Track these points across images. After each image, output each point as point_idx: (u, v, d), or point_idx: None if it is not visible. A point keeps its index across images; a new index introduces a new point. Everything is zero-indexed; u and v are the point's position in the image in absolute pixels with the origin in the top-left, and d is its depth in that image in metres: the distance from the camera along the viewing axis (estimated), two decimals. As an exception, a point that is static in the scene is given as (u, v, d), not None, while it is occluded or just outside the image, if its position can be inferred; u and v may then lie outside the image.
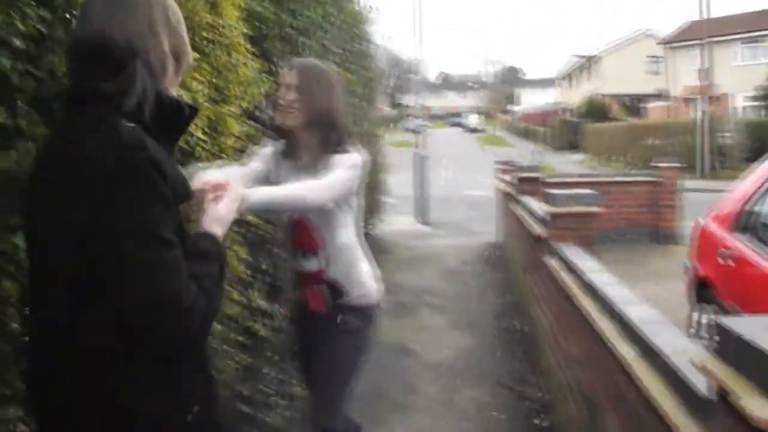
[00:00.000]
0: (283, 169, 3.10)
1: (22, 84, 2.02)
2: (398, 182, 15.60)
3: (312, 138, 3.00)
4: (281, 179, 3.04)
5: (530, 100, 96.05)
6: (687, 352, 2.30)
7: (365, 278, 3.16)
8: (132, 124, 1.61)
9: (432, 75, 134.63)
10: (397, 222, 13.83)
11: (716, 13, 32.42)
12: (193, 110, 1.84)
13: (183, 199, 1.76)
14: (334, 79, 3.15)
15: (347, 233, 3.09)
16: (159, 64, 1.72)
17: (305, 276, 3.13)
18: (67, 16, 2.27)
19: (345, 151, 2.99)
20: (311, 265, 3.08)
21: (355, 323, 3.09)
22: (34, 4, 2.07)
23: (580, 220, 4.90)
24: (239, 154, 3.97)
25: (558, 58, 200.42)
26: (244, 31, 4.03)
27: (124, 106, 1.62)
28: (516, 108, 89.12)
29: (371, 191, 10.06)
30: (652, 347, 2.55)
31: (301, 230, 3.06)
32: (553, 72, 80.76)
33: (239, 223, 4.15)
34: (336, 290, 3.08)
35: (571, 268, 4.19)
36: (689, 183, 20.79)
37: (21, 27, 1.96)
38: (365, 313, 3.14)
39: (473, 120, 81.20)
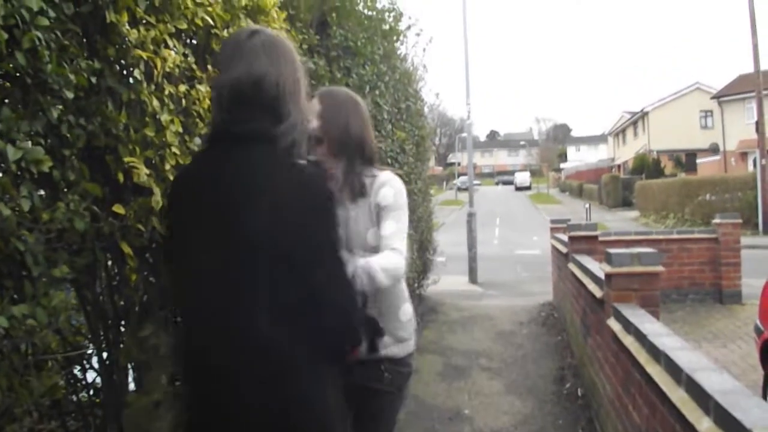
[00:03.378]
0: None
1: (71, 136, 2.00)
2: (448, 240, 15.44)
3: (338, 165, 2.86)
4: None
5: (580, 157, 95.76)
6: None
7: (405, 321, 2.99)
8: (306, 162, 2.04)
9: (482, 133, 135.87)
10: (448, 281, 13.60)
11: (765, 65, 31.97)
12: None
13: None
14: (355, 104, 3.00)
15: None
16: (301, 112, 2.05)
17: None
18: (118, 67, 2.27)
19: (376, 175, 2.89)
20: None
21: (395, 378, 2.93)
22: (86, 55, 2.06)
23: (642, 280, 4.70)
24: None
25: (607, 114, 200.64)
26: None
27: (282, 143, 1.95)
28: (566, 165, 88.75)
29: (421, 251, 9.94)
30: (735, 420, 2.35)
31: None
32: (602, 128, 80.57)
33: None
34: (375, 329, 2.78)
35: (635, 332, 3.99)
36: (749, 240, 20.41)
37: (72, 78, 1.94)
38: (403, 365, 2.97)
39: (523, 178, 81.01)
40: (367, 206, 2.86)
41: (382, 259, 2.65)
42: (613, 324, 4.60)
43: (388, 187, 2.87)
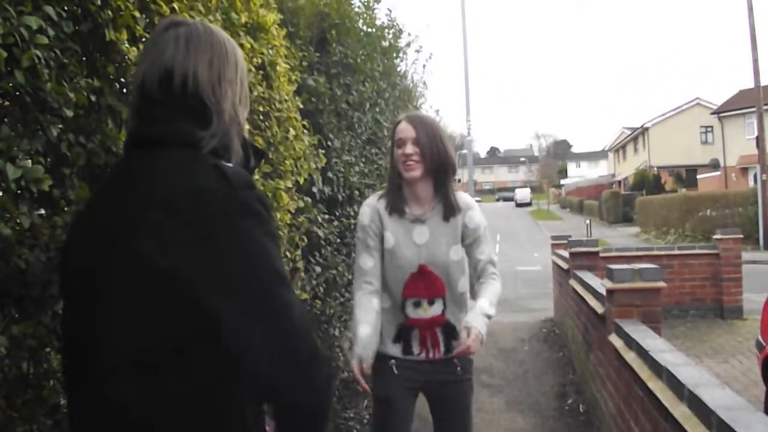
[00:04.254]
0: (393, 225, 3.24)
1: (71, 154, 2.00)
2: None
3: (428, 186, 3.18)
4: (396, 236, 3.22)
5: (580, 173, 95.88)
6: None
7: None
8: (231, 164, 1.59)
9: (482, 150, 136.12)
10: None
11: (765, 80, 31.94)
12: (261, 154, 1.88)
13: None
14: (441, 127, 3.30)
15: (463, 282, 3.29)
16: (232, 110, 1.69)
17: (424, 322, 3.25)
18: (117, 85, 2.28)
19: (456, 195, 3.23)
20: (434, 310, 3.24)
21: (465, 367, 3.34)
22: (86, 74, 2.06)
23: (644, 295, 4.70)
24: (293, 229, 3.92)
25: (607, 130, 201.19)
26: (299, 105, 4.03)
27: (205, 148, 1.61)
28: (566, 181, 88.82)
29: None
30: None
31: (428, 279, 3.21)
32: (603, 144, 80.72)
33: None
34: (450, 333, 3.26)
35: (637, 348, 3.98)
36: (749, 255, 20.40)
37: (72, 96, 1.94)
38: (469, 360, 3.36)
39: (524, 194, 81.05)
40: (453, 226, 3.21)
41: (493, 295, 3.16)
42: (615, 340, 4.59)
43: (475, 210, 3.26)
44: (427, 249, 3.18)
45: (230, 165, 1.59)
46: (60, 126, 1.94)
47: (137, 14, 2.27)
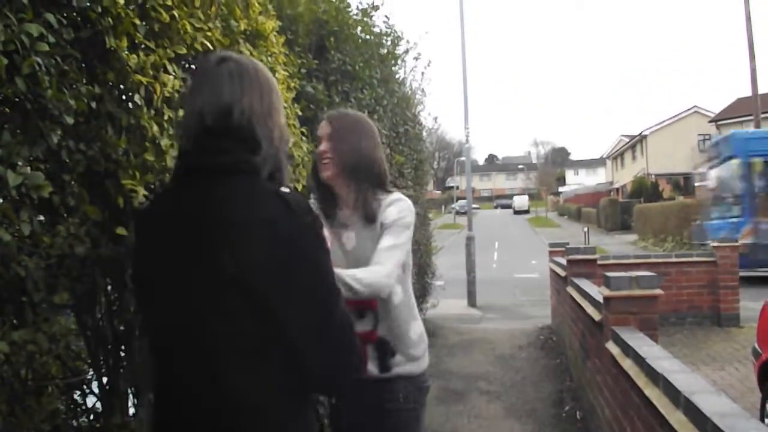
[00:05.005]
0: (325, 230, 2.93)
1: (71, 161, 2.00)
2: (447, 264, 15.40)
3: (349, 188, 2.86)
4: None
5: (579, 181, 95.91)
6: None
7: (416, 339, 2.94)
8: (288, 190, 1.80)
9: (480, 157, 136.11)
10: (447, 305, 13.55)
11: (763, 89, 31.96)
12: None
13: None
14: (368, 126, 2.97)
15: (398, 292, 2.87)
16: (279, 137, 1.88)
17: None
18: (117, 92, 2.28)
19: (384, 198, 2.86)
20: (364, 324, 2.81)
21: (410, 395, 2.89)
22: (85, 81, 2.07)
23: (641, 303, 4.70)
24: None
25: (605, 137, 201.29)
26: (298, 112, 4.03)
27: (263, 173, 1.81)
28: (564, 189, 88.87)
29: (420, 275, 9.92)
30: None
31: None
32: (601, 152, 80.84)
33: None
34: (385, 350, 2.86)
35: (634, 355, 3.99)
36: (748, 263, 20.37)
37: (72, 103, 1.94)
38: (418, 382, 2.94)
39: (522, 201, 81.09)
40: (376, 229, 2.82)
41: (360, 272, 2.60)
42: (612, 347, 4.59)
43: (393, 206, 2.83)
44: (354, 255, 2.84)
45: (288, 191, 1.78)
46: (60, 133, 1.95)
47: (137, 22, 2.28)
